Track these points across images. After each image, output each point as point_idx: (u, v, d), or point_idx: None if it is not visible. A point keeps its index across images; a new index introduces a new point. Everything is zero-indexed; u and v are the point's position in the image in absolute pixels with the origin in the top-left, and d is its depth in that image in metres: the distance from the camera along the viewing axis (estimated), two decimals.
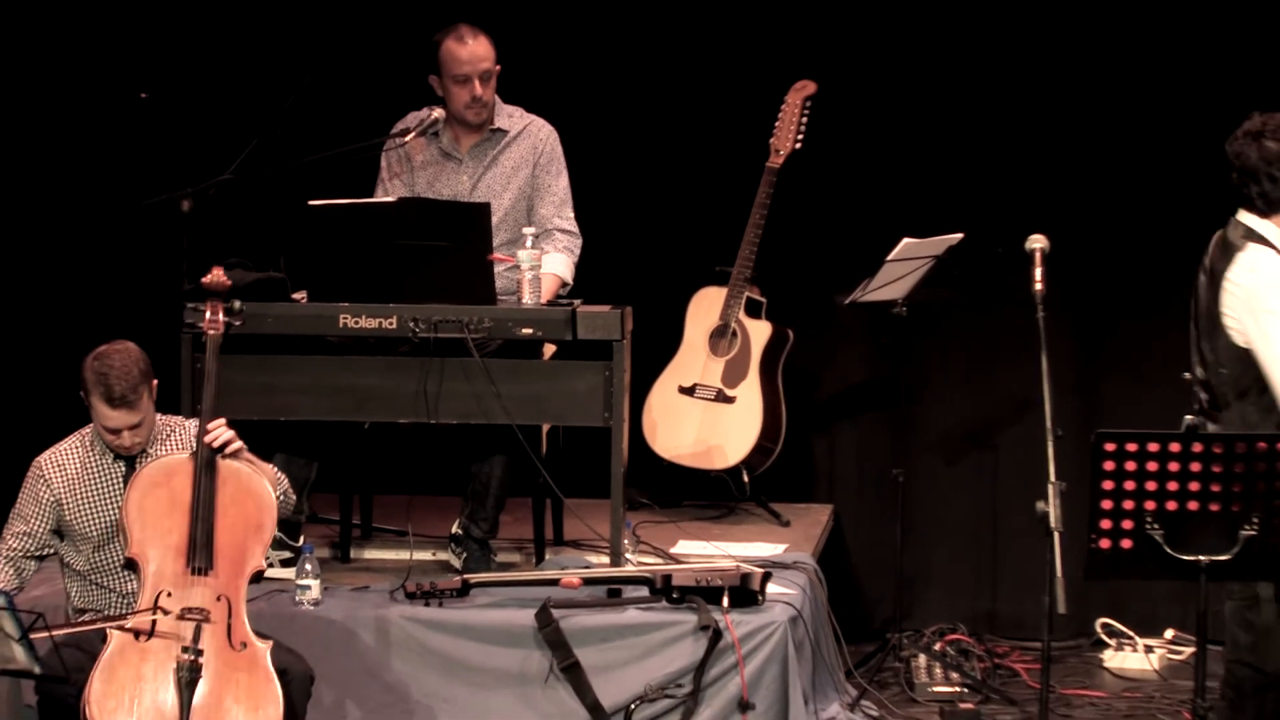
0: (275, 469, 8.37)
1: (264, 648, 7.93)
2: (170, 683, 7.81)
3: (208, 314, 8.42)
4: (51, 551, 8.26)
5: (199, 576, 7.92)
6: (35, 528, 8.21)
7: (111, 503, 8.20)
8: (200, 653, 7.83)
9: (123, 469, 8.21)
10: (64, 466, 8.22)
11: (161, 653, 7.83)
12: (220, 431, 8.07)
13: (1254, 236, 7.74)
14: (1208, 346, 7.78)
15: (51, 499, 8.18)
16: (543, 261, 9.72)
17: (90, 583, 8.23)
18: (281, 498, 8.22)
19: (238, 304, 8.58)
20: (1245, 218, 7.77)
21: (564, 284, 9.89)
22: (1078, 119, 10.50)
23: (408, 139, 9.90)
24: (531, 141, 9.98)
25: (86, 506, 8.21)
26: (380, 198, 9.93)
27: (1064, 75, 10.89)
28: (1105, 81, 10.87)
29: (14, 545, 8.18)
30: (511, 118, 9.98)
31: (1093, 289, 10.80)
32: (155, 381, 8.16)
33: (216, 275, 8.57)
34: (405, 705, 9.30)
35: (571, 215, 10.01)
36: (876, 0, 11.02)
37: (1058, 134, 10.43)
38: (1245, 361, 7.64)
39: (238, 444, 8.11)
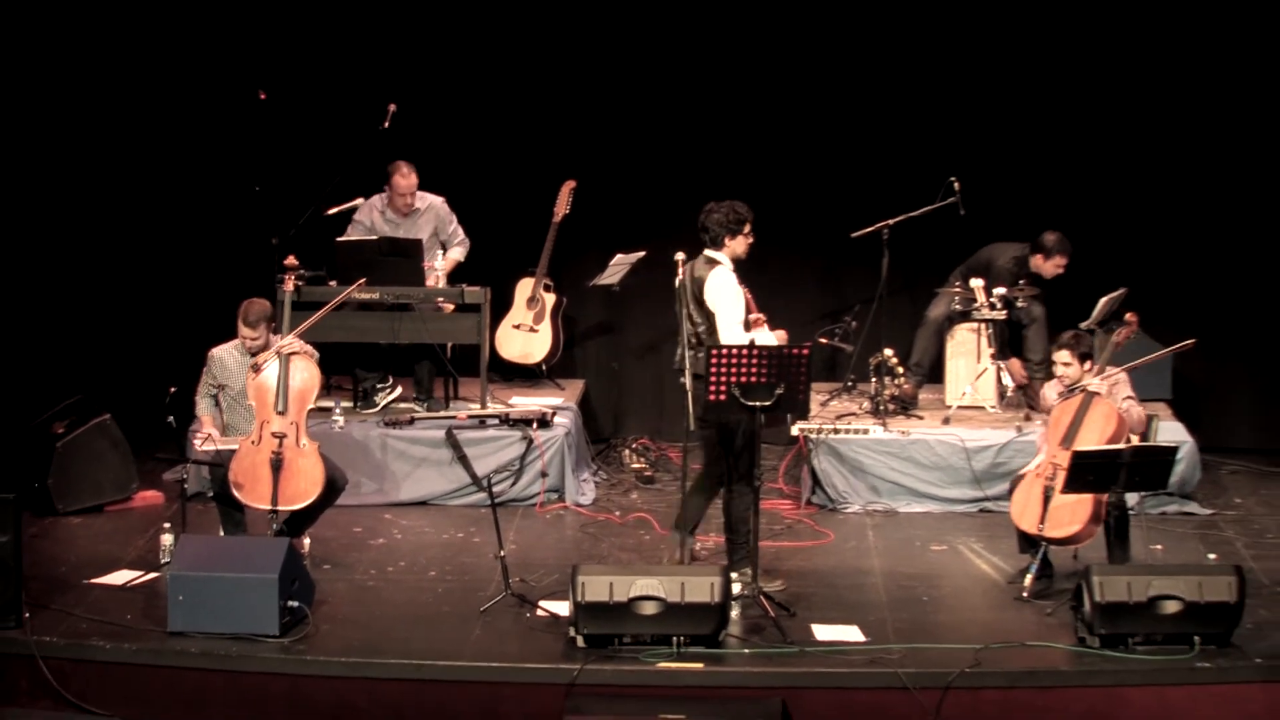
0: (312, 347, 8.10)
1: (314, 446, 7.87)
2: (268, 464, 7.77)
3: (286, 280, 8.39)
4: (217, 393, 8.12)
5: (282, 415, 7.84)
6: (209, 381, 8.13)
7: (244, 377, 8.03)
8: (281, 453, 7.77)
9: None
10: (223, 359, 8.09)
11: (264, 450, 7.83)
12: (289, 344, 7.94)
13: (713, 262, 7.70)
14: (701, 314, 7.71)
15: (218, 371, 8.08)
16: (451, 251, 9.66)
17: (227, 420, 8.12)
18: (318, 356, 8.09)
19: (304, 272, 8.74)
20: (709, 252, 7.71)
21: (458, 262, 9.71)
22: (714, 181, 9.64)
23: (373, 210, 9.74)
24: (435, 211, 9.75)
25: (233, 379, 8.07)
26: (360, 236, 9.60)
27: (706, 161, 10.47)
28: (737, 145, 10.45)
29: (202, 389, 8.09)
30: (424, 199, 9.74)
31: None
32: (271, 320, 8.04)
33: (291, 260, 8.71)
34: (388, 476, 9.29)
35: (462, 233, 9.78)
36: (623, 120, 10.57)
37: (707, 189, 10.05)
38: (711, 321, 7.65)
39: (297, 347, 7.95)
